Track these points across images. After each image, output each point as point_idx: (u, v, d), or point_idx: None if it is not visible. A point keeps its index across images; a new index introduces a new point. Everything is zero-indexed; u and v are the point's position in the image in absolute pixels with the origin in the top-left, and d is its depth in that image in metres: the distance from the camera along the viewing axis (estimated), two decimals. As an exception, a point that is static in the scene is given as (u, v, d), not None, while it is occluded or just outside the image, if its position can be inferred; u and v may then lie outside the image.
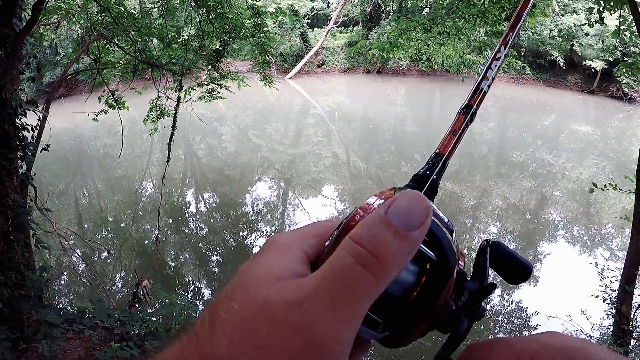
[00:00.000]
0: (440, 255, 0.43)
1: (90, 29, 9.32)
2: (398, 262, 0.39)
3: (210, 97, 10.61)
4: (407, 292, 0.43)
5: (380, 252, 0.38)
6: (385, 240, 0.38)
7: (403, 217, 0.39)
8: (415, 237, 0.39)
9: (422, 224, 0.40)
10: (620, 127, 29.19)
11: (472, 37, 11.31)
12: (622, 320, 6.65)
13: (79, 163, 19.77)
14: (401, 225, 0.39)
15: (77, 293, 10.29)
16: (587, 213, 15.97)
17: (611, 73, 29.29)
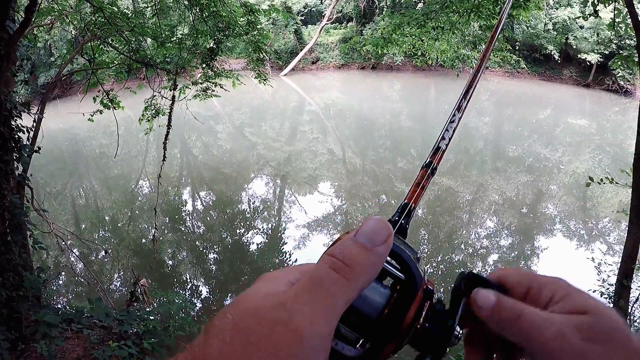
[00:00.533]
0: (407, 275, 0.52)
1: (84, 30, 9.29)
2: (365, 270, 0.47)
3: (205, 95, 10.61)
4: (380, 310, 0.50)
5: (350, 261, 0.46)
6: (354, 253, 0.47)
7: (369, 237, 0.48)
8: (379, 251, 0.48)
9: (384, 242, 0.48)
10: (616, 120, 29.22)
11: (466, 31, 11.32)
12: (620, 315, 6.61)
13: (75, 163, 19.76)
14: (367, 243, 0.48)
15: (75, 293, 10.31)
16: (584, 207, 16.00)
17: (606, 66, 29.44)
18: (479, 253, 12.70)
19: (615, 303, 6.72)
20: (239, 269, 11.56)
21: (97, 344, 5.56)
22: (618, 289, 6.84)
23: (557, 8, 33.19)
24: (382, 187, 17.15)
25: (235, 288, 10.70)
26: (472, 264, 12.07)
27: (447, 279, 11.20)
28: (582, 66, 34.12)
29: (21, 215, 5.46)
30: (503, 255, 12.69)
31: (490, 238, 13.63)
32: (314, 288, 0.45)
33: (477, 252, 12.77)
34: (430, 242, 13.08)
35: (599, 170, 18.32)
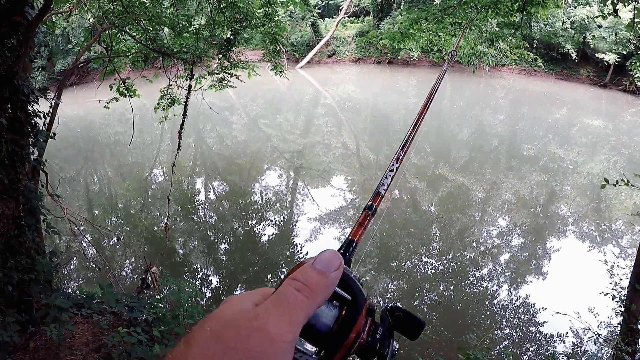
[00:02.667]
0: (352, 296, 0.62)
1: (102, 18, 9.32)
2: (322, 290, 0.58)
3: (220, 85, 10.62)
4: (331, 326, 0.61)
5: (309, 283, 0.57)
6: (313, 276, 0.58)
7: (324, 264, 0.60)
8: (333, 276, 0.59)
9: (337, 268, 0.60)
10: (632, 121, 28.95)
11: (484, 28, 11.24)
12: (631, 319, 6.56)
13: (90, 150, 19.90)
14: (323, 269, 0.59)
15: (86, 278, 10.40)
16: (598, 209, 15.88)
17: (624, 66, 29.14)
18: (490, 252, 12.63)
19: (627, 307, 6.67)
20: (250, 260, 11.60)
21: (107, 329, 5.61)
22: (630, 293, 6.76)
23: (576, 7, 32.91)
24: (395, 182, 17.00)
25: (245, 279, 10.75)
26: (484, 262, 12.02)
27: (457, 277, 11.18)
28: (599, 66, 33.85)
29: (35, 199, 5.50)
30: (514, 255, 12.61)
31: (502, 237, 13.55)
32: (281, 304, 0.55)
33: (488, 250, 12.70)
34: (441, 239, 13.06)
35: (613, 172, 18.19)
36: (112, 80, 9.80)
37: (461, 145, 22.40)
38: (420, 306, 10.06)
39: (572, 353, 8.40)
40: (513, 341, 9.24)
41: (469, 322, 9.70)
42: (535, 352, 8.94)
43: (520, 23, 10.35)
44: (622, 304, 6.93)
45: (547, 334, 9.27)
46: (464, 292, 10.78)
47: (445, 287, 10.84)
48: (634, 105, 31.14)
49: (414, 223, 13.94)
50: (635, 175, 6.71)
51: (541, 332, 9.39)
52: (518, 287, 11.03)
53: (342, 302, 0.62)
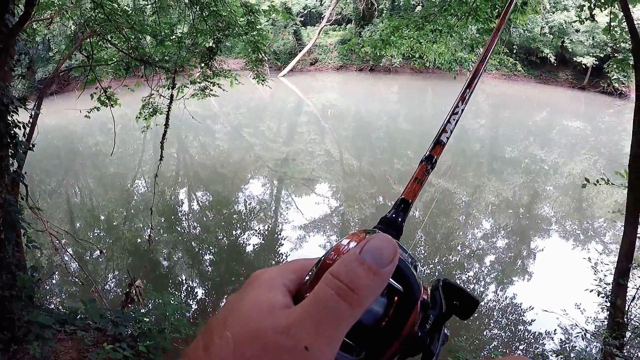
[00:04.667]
0: (406, 288, 0.50)
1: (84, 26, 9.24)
2: (371, 294, 0.45)
3: (203, 94, 10.56)
4: (378, 321, 0.49)
5: (356, 286, 0.44)
6: (360, 276, 0.45)
7: (375, 256, 0.46)
8: (385, 273, 0.46)
9: (391, 261, 0.46)
10: (611, 122, 29.44)
11: (464, 34, 11.33)
12: (617, 314, 6.69)
13: (71, 161, 19.67)
14: (373, 263, 0.46)
15: (68, 293, 10.22)
16: (580, 208, 16.07)
17: (601, 69, 29.72)
18: (475, 254, 12.69)
19: (612, 302, 6.81)
20: (235, 271, 11.50)
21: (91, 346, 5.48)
22: (615, 288, 6.93)
23: (554, 12, 33.48)
24: (379, 188, 17.12)
25: (231, 289, 10.63)
26: (469, 265, 12.06)
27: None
28: (577, 69, 34.42)
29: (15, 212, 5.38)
30: (500, 256, 12.71)
31: (487, 239, 13.64)
32: (319, 315, 0.43)
33: (474, 253, 12.76)
34: (427, 244, 13.05)
35: (594, 171, 18.38)
36: (93, 89, 9.70)
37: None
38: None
39: (560, 350, 8.47)
40: (502, 341, 9.29)
41: (457, 325, 9.70)
42: (524, 350, 9.00)
43: (500, 29, 10.44)
44: (607, 300, 7.07)
45: (536, 332, 9.35)
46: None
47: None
48: (611, 106, 31.63)
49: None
50: (616, 173, 6.82)
51: (529, 331, 9.48)
52: (505, 288, 11.11)
53: (391, 291, 0.50)
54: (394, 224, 0.60)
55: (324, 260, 0.50)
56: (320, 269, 0.49)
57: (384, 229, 0.59)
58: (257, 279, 0.51)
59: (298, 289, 0.50)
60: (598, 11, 8.24)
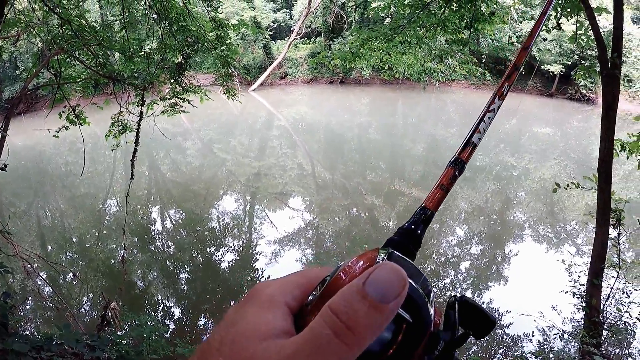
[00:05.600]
0: (415, 318, 0.46)
1: (51, 43, 9.09)
2: (371, 334, 0.41)
3: (173, 111, 10.45)
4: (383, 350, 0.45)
5: (354, 324, 0.41)
6: (360, 313, 0.41)
7: (380, 289, 0.42)
8: (390, 309, 0.42)
9: (398, 296, 0.42)
10: (579, 127, 30.10)
11: (433, 45, 11.44)
12: (593, 313, 6.81)
13: (40, 182, 19.31)
14: (377, 297, 0.41)
15: (43, 318, 9.98)
16: (552, 212, 16.33)
17: (569, 76, 30.54)
18: (450, 261, 12.80)
19: (588, 302, 6.92)
20: (212, 288, 11.39)
21: (68, 372, 5.36)
22: (589, 288, 7.04)
23: (521, 22, 34.15)
24: (352, 200, 17.15)
25: (207, 307, 10.52)
26: (445, 272, 12.14)
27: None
28: (545, 77, 35.16)
29: (-15, 238, 5.25)
30: (475, 263, 12.86)
31: (461, 246, 13.77)
32: (312, 354, 0.40)
33: (449, 260, 12.88)
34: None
35: (564, 176, 18.69)
36: (61, 107, 9.54)
37: (415, 160, 22.68)
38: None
39: (539, 351, 8.55)
40: (481, 345, 9.34)
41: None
42: (504, 354, 9.14)
43: (468, 39, 10.62)
44: (582, 300, 7.19)
45: (514, 335, 9.46)
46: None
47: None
48: (580, 112, 32.36)
49: (373, 239, 13.95)
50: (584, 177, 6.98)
51: (508, 334, 9.59)
52: (481, 293, 11.23)
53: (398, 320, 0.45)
54: (411, 235, 0.56)
55: (330, 281, 0.47)
56: (324, 293, 0.46)
57: (399, 241, 0.55)
58: (259, 293, 0.48)
59: (301, 308, 0.48)
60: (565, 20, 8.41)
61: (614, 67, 6.54)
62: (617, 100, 6.69)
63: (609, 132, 6.63)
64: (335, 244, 13.93)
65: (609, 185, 6.71)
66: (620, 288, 7.30)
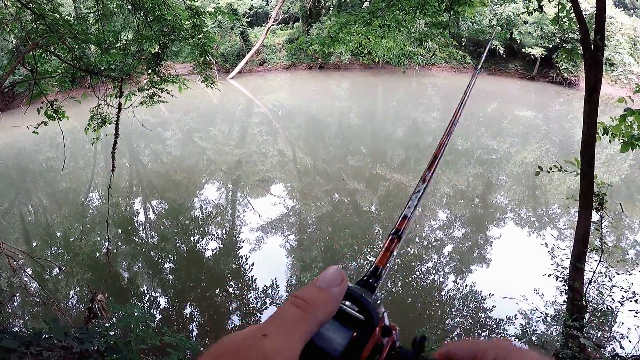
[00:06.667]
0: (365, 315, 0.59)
1: (25, 39, 8.97)
2: (322, 306, 0.56)
3: (151, 101, 10.38)
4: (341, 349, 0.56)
5: (308, 298, 0.56)
6: (312, 292, 0.57)
7: (325, 281, 0.59)
8: (334, 291, 0.58)
9: (338, 284, 0.59)
10: (561, 110, 30.29)
11: (413, 28, 11.44)
12: (576, 296, 6.85)
13: (22, 179, 19.11)
14: (324, 285, 0.59)
15: (31, 313, 9.96)
16: (534, 195, 16.48)
17: (551, 59, 30.64)
18: (433, 245, 12.91)
19: (570, 285, 6.96)
20: (197, 277, 11.41)
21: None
22: (572, 272, 7.08)
23: (502, 4, 34.14)
24: (334, 185, 17.21)
25: (193, 296, 10.56)
26: (428, 256, 12.25)
27: (404, 273, 11.34)
28: (526, 60, 35.31)
29: (-33, 235, 5.23)
30: (457, 246, 12.95)
31: (443, 230, 13.88)
32: (278, 320, 0.54)
33: (431, 244, 12.99)
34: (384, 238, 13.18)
35: (546, 159, 18.87)
36: (39, 103, 9.45)
37: (397, 145, 22.75)
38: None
39: (522, 334, 8.66)
40: (465, 328, 9.48)
41: (420, 316, 9.87)
42: (487, 336, 9.15)
43: (448, 22, 10.62)
44: (565, 283, 7.23)
45: (497, 318, 9.57)
46: (412, 287, 10.99)
47: (393, 283, 10.96)
48: (561, 95, 32.58)
49: (355, 224, 14.05)
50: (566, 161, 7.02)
51: (491, 317, 9.70)
52: (464, 277, 11.35)
53: (355, 323, 0.58)
54: (366, 283, 0.70)
55: None
56: None
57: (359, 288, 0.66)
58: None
59: None
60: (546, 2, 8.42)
61: (597, 49, 6.52)
62: (600, 83, 6.70)
63: (591, 115, 6.65)
64: (318, 229, 13.99)
65: (592, 169, 6.72)
66: (603, 272, 7.36)
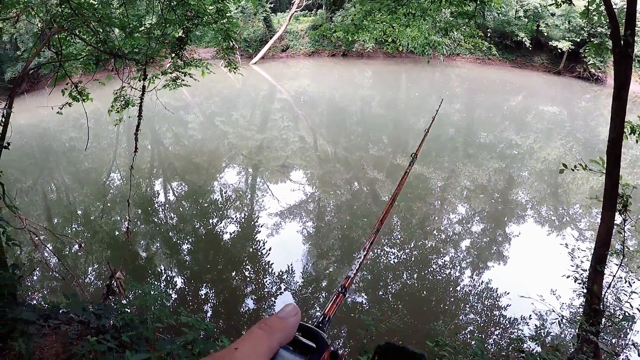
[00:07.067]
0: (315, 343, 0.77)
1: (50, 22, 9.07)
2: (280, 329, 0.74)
3: (174, 85, 10.44)
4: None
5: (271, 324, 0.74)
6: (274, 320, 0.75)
7: (284, 312, 0.78)
8: (290, 320, 0.77)
9: (294, 315, 0.78)
10: (587, 107, 29.72)
11: (438, 18, 11.33)
12: (594, 300, 6.69)
13: (45, 158, 19.41)
14: (283, 315, 0.77)
15: (50, 288, 10.17)
16: (555, 194, 16.27)
17: (578, 54, 29.78)
18: (451, 239, 12.83)
19: (589, 289, 6.81)
20: (213, 259, 11.53)
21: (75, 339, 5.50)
22: (591, 274, 6.93)
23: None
24: (354, 174, 17.21)
25: (209, 278, 10.68)
26: (445, 249, 12.21)
27: (420, 265, 11.33)
28: (553, 53, 34.54)
29: (-8, 211, 5.36)
30: (475, 241, 12.84)
31: (462, 224, 13.78)
32: (248, 338, 0.71)
33: (449, 238, 12.90)
34: (403, 229, 13.18)
35: (570, 157, 18.64)
36: (63, 85, 9.56)
37: (418, 135, 22.54)
38: (385, 296, 10.18)
39: (536, 335, 8.55)
40: (478, 325, 9.38)
41: (434, 310, 9.84)
42: (500, 335, 9.10)
43: (474, 12, 10.49)
44: (583, 286, 7.07)
45: (511, 318, 9.43)
46: (428, 280, 10.94)
47: (409, 276, 10.97)
48: (588, 92, 31.96)
49: (374, 214, 14.04)
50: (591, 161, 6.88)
51: (505, 316, 9.57)
52: (480, 273, 11.24)
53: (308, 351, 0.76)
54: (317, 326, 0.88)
55: None
56: None
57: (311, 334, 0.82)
58: None
59: None
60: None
61: (627, 45, 6.31)
62: (629, 81, 6.49)
63: (619, 113, 6.46)
64: (336, 217, 14.03)
65: (617, 169, 6.54)
66: (623, 277, 7.21)
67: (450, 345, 5.61)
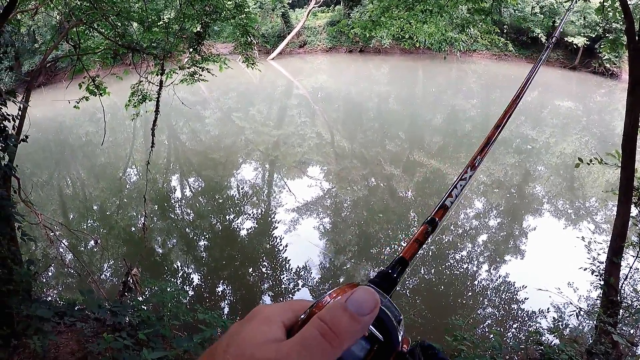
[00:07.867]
0: (386, 337, 0.57)
1: (69, 15, 9.09)
2: (350, 337, 0.52)
3: (192, 79, 10.43)
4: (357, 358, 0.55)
5: (337, 329, 0.52)
6: (342, 321, 0.52)
7: (357, 306, 0.53)
8: (365, 320, 0.53)
9: (371, 312, 0.54)
10: (602, 102, 29.52)
11: (455, 14, 11.28)
12: (611, 292, 6.74)
13: (61, 152, 19.54)
14: (355, 311, 0.53)
15: (65, 284, 10.20)
16: (571, 187, 16.18)
17: (593, 49, 29.81)
18: (468, 234, 12.77)
19: (606, 281, 6.85)
20: (230, 255, 11.52)
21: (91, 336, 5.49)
22: (608, 266, 6.98)
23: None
24: (371, 169, 17.14)
25: (226, 274, 10.67)
26: (462, 244, 12.14)
27: (437, 260, 11.28)
28: (568, 49, 34.42)
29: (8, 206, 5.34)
30: (492, 236, 12.83)
31: (479, 218, 13.71)
32: (303, 351, 0.51)
33: (466, 232, 12.85)
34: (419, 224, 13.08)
35: (585, 151, 18.46)
36: (81, 79, 9.59)
37: (435, 131, 22.51)
38: (403, 290, 10.13)
39: (554, 328, 8.54)
40: (496, 319, 9.41)
41: (452, 304, 9.83)
42: (518, 328, 9.15)
43: (491, 9, 10.44)
44: (600, 278, 7.12)
45: (529, 311, 9.45)
46: (445, 275, 10.92)
47: (427, 270, 10.92)
48: (602, 87, 31.73)
49: (391, 209, 13.98)
50: (607, 154, 6.87)
51: (523, 309, 9.58)
52: (497, 267, 11.22)
53: (372, 338, 0.56)
54: (388, 278, 0.67)
55: (317, 304, 0.58)
56: (313, 311, 0.56)
57: (378, 282, 0.65)
58: (258, 313, 0.58)
59: (292, 326, 0.57)
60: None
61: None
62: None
63: (634, 108, 6.50)
64: (353, 213, 13.97)
65: (633, 162, 6.59)
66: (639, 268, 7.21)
67: (468, 339, 5.62)
